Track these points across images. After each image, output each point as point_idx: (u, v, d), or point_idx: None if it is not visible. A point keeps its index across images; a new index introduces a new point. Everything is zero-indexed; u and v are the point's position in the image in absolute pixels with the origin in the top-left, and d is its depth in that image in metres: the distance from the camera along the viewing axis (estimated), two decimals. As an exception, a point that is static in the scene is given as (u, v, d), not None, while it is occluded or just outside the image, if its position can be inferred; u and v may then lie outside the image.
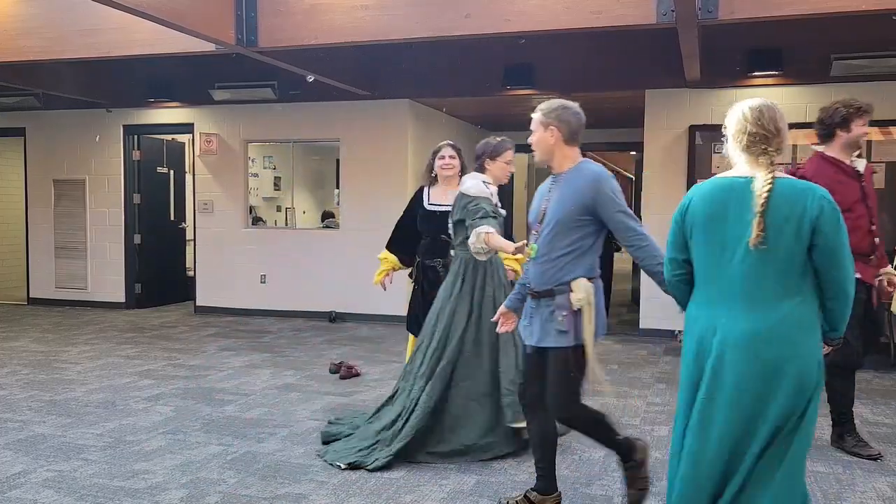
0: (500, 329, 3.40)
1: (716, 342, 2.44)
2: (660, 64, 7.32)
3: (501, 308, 3.38)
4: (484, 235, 3.80)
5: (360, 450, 4.02)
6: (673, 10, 4.94)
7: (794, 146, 7.31)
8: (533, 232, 3.22)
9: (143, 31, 5.98)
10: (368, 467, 3.86)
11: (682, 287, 2.65)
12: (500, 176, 4.20)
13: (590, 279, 3.08)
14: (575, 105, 3.24)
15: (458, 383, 4.03)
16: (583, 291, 3.02)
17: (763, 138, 2.45)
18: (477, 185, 4.09)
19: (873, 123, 7.01)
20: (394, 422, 4.06)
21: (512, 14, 5.34)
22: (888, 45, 6.58)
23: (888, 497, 3.57)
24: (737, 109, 2.54)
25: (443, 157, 4.59)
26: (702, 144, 7.56)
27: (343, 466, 3.91)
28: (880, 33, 6.47)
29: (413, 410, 4.00)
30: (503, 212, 4.17)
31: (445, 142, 4.65)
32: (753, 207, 2.36)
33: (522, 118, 11.03)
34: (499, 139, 4.22)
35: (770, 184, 2.36)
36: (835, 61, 6.71)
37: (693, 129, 7.55)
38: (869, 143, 7.12)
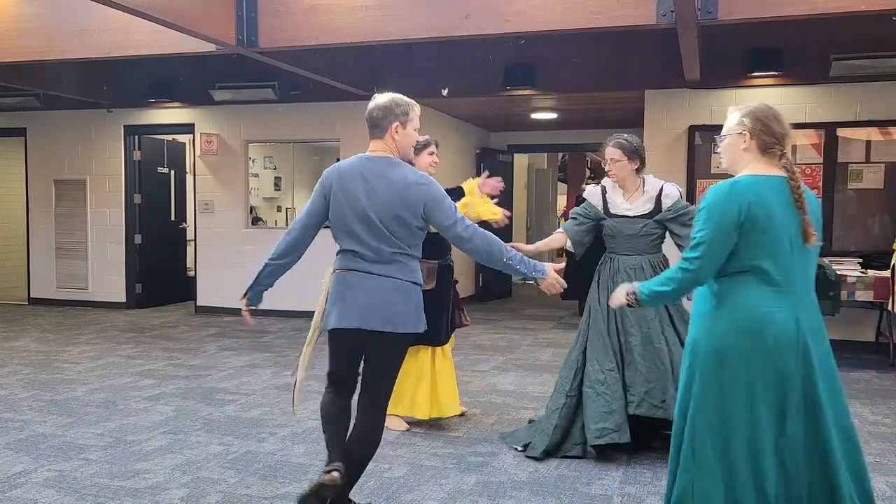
0: None
1: (800, 335, 2.48)
2: (660, 64, 7.33)
3: None
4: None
5: (532, 432, 4.24)
6: (673, 11, 4.95)
7: (794, 146, 7.31)
8: None
9: (144, 32, 5.98)
10: (527, 453, 4.10)
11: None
12: (609, 175, 4.26)
13: (335, 270, 3.18)
14: (377, 97, 3.27)
15: (582, 371, 4.12)
16: (324, 278, 3.19)
17: (781, 140, 2.57)
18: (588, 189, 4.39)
19: (873, 123, 7.07)
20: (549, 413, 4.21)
21: (512, 14, 5.35)
22: (888, 45, 6.59)
23: (888, 497, 3.58)
24: (755, 111, 2.60)
25: (433, 154, 4.44)
26: (701, 145, 7.57)
27: (519, 448, 4.17)
28: (880, 33, 6.47)
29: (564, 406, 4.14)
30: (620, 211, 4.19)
31: (428, 137, 4.40)
32: (795, 207, 2.49)
33: (522, 118, 11.05)
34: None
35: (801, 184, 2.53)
36: (835, 61, 6.71)
37: (693, 130, 7.56)
38: (868, 143, 7.13)
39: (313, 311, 3.36)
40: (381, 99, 3.21)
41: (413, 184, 3.04)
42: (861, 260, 6.87)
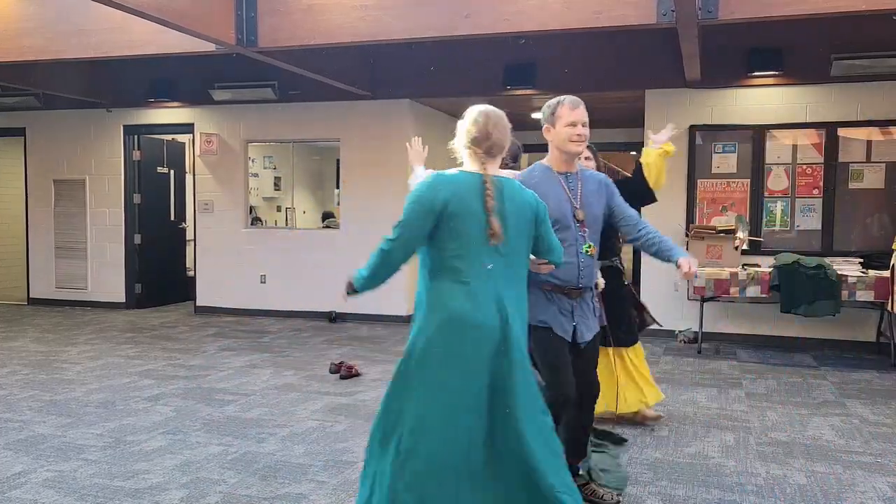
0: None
1: (506, 317, 2.65)
2: (660, 64, 7.32)
3: None
4: None
5: None
6: (673, 10, 4.94)
7: (794, 146, 7.31)
8: (583, 231, 3.28)
9: (143, 31, 5.98)
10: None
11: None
12: None
13: None
14: None
15: None
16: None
17: (480, 143, 2.74)
18: None
19: (874, 123, 7.07)
20: None
21: (512, 14, 5.34)
22: (888, 45, 6.58)
23: (888, 497, 3.57)
24: (473, 112, 2.81)
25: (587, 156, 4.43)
26: (702, 144, 7.56)
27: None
28: (880, 33, 6.47)
29: None
30: None
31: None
32: (486, 205, 2.64)
33: (523, 118, 11.07)
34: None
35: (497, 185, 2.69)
36: (835, 61, 6.71)
37: (693, 129, 7.55)
38: (869, 142, 7.13)
39: (313, 311, 3.44)
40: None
41: None
42: (862, 260, 6.86)
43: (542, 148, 4.18)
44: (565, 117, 3.27)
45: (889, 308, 6.35)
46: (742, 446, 4.29)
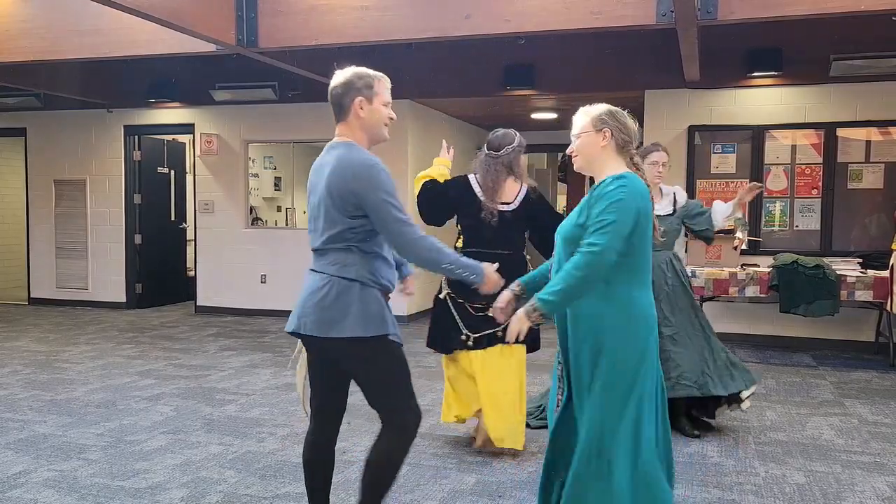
0: None
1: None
2: (660, 64, 7.33)
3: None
4: None
5: None
6: (672, 11, 4.95)
7: (793, 146, 7.32)
8: None
9: (144, 31, 5.99)
10: None
11: None
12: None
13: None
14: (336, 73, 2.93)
15: None
16: None
17: (634, 138, 2.74)
18: None
19: (873, 123, 7.08)
20: None
21: (512, 14, 5.35)
22: (888, 45, 6.59)
23: (887, 497, 3.58)
24: (612, 110, 2.81)
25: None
26: (701, 144, 7.57)
27: None
28: (880, 33, 6.48)
29: None
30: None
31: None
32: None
33: (523, 118, 11.05)
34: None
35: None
36: (834, 61, 6.72)
37: (692, 130, 7.56)
38: (868, 142, 7.14)
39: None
40: (339, 75, 2.85)
41: (355, 166, 2.77)
42: (861, 260, 6.87)
43: (542, 148, 4.16)
44: (383, 95, 3.01)
45: (888, 308, 6.36)
46: (741, 446, 4.30)
